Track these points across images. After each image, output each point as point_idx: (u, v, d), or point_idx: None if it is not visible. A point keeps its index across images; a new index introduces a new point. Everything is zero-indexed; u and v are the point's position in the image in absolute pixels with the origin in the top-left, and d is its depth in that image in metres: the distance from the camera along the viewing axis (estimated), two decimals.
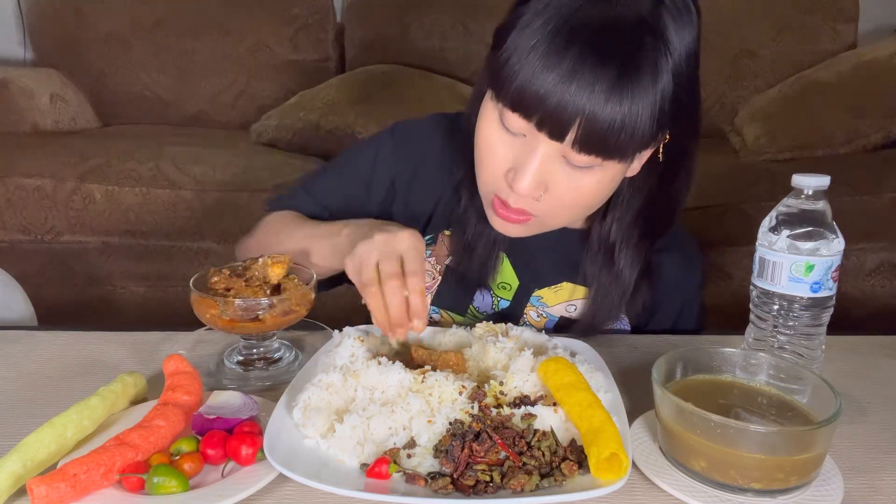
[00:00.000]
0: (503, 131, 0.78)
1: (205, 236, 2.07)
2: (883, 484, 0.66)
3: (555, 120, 0.72)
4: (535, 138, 0.75)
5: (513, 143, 0.78)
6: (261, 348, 0.86)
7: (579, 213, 0.85)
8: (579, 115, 0.71)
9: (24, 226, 2.06)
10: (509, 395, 0.72)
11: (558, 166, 0.76)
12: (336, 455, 0.65)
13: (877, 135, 2.06)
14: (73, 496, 0.59)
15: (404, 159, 0.99)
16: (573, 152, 0.74)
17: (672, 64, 0.74)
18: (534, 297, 0.98)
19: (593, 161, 0.75)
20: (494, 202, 0.82)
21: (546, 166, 0.76)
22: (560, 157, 0.76)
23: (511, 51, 0.73)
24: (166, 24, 2.63)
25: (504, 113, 0.76)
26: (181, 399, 0.71)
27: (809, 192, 0.75)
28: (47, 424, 0.65)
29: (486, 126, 0.80)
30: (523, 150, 0.77)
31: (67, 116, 2.47)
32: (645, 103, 0.72)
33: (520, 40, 0.72)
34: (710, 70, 2.53)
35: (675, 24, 0.75)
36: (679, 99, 0.76)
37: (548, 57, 0.71)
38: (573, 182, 0.77)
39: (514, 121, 0.75)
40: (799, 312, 0.76)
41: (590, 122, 0.71)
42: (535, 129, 0.74)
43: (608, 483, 0.60)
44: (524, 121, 0.74)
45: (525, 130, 0.76)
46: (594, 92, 0.70)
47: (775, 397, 0.70)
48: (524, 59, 0.72)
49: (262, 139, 2.26)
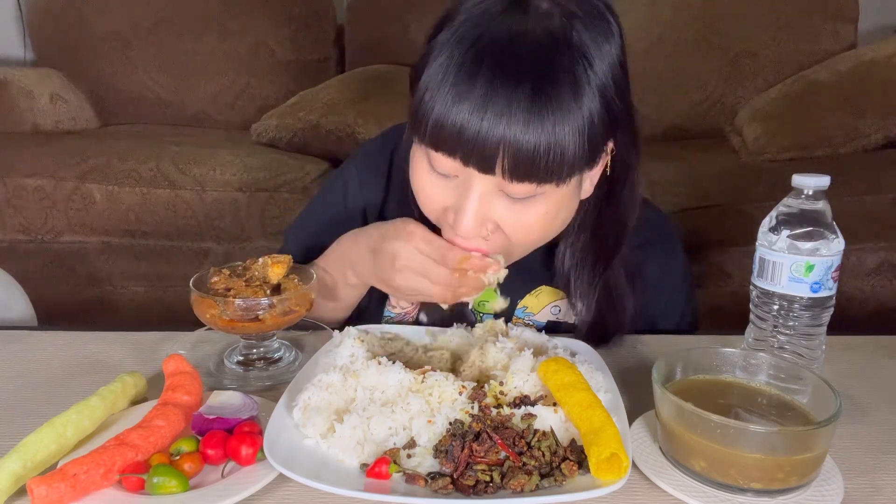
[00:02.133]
0: (435, 175, 0.75)
1: (205, 236, 2.07)
2: (883, 484, 0.66)
3: (478, 152, 0.69)
4: (467, 176, 0.73)
5: (446, 185, 0.75)
6: (261, 348, 0.86)
7: (536, 243, 0.82)
8: (500, 142, 0.68)
9: (24, 226, 2.06)
10: (509, 395, 0.72)
11: (499, 201, 0.74)
12: (336, 455, 0.65)
13: (877, 135, 2.06)
14: (73, 496, 0.59)
15: (371, 183, 0.98)
16: (507, 183, 0.71)
17: (595, 77, 0.70)
18: (518, 309, 0.97)
19: (531, 189, 0.72)
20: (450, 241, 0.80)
21: (486, 204, 0.73)
22: (497, 192, 0.73)
23: (424, 89, 0.71)
24: (166, 24, 2.63)
25: (431, 156, 0.74)
26: (181, 399, 0.71)
27: (809, 192, 0.75)
28: (47, 424, 0.65)
29: (418, 171, 0.78)
30: (458, 191, 0.74)
31: (67, 116, 2.47)
32: (570, 120, 0.69)
33: (430, 76, 0.70)
34: (711, 70, 2.53)
35: (590, 35, 0.71)
36: (610, 111, 0.73)
37: (458, 87, 0.68)
38: (518, 216, 0.75)
39: (441, 161, 0.73)
40: (799, 312, 0.76)
41: (514, 149, 0.68)
42: (462, 165, 0.71)
43: (608, 483, 0.60)
44: (449, 159, 0.71)
45: (455, 170, 0.73)
46: (511, 116, 0.67)
47: (775, 397, 0.70)
48: (436, 93, 0.69)
49: (262, 139, 2.26)
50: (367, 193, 0.98)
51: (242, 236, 2.07)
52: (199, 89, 2.66)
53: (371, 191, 0.98)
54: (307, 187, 2.08)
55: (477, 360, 0.78)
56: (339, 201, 1.00)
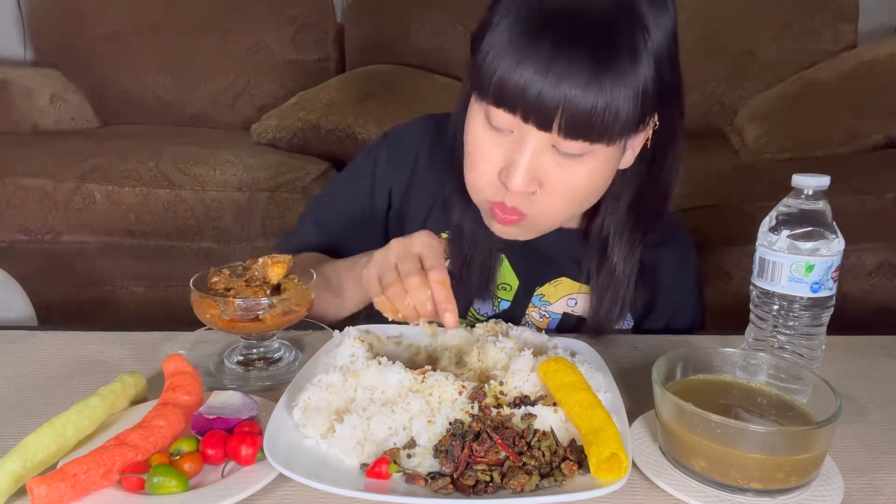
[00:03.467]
0: (492, 130, 0.78)
1: (205, 236, 2.07)
2: (883, 484, 0.66)
3: (538, 109, 0.72)
4: (522, 132, 0.76)
5: (502, 141, 0.78)
6: (261, 348, 0.86)
7: (574, 207, 0.84)
8: (560, 101, 0.71)
9: (24, 226, 2.06)
10: (509, 395, 0.71)
11: (549, 158, 0.77)
12: (336, 455, 0.65)
13: (877, 135, 2.06)
14: (73, 496, 0.59)
15: (399, 166, 1.00)
16: (561, 139, 0.74)
17: (651, 45, 0.74)
18: (535, 296, 0.98)
19: (582, 147, 0.75)
20: (492, 209, 0.82)
21: (537, 159, 0.76)
22: (549, 148, 0.76)
23: (488, 49, 0.74)
24: (166, 24, 2.63)
25: (490, 111, 0.76)
26: (181, 399, 0.71)
27: (809, 192, 0.75)
28: (47, 424, 0.65)
29: (475, 127, 0.80)
30: (513, 147, 0.77)
31: (67, 116, 2.47)
32: (626, 85, 0.72)
33: (495, 38, 0.73)
34: (710, 70, 2.53)
35: (649, 5, 0.74)
36: (662, 80, 0.76)
37: (523, 49, 0.72)
38: (566, 172, 0.77)
39: (500, 117, 0.76)
40: (799, 312, 0.76)
41: (572, 107, 0.71)
42: (521, 121, 0.74)
43: (608, 483, 0.60)
44: (509, 114, 0.74)
45: (512, 125, 0.76)
46: (572, 77, 0.70)
47: (775, 397, 0.70)
48: (501, 54, 0.73)
49: (262, 139, 2.26)
50: (395, 175, 1.00)
51: (242, 236, 2.07)
52: (199, 89, 2.66)
53: (398, 173, 1.00)
54: (307, 187, 2.08)
55: (477, 360, 0.79)
56: (368, 178, 1.02)
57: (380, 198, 1.01)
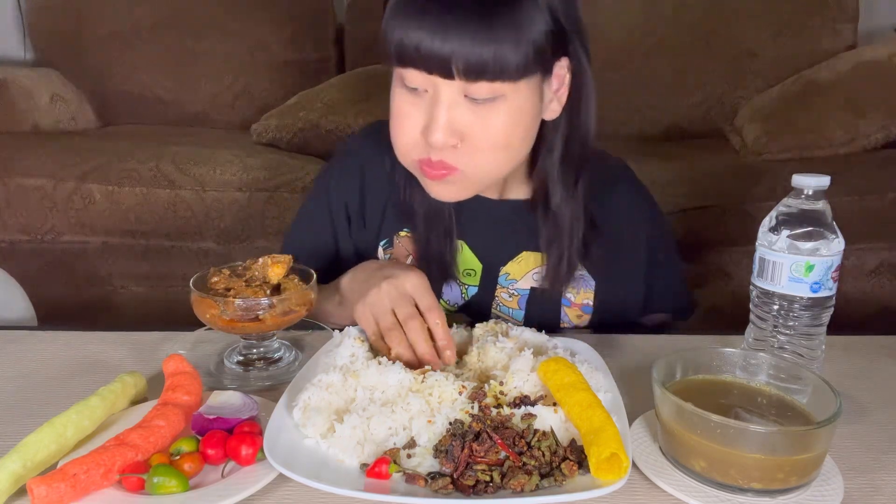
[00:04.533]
0: (409, 93, 0.82)
1: (205, 236, 2.07)
2: (883, 484, 0.66)
3: (437, 60, 0.76)
4: (435, 88, 0.79)
5: (420, 101, 0.81)
6: (261, 348, 0.86)
7: (502, 156, 0.85)
8: (454, 50, 0.75)
9: (24, 226, 2.06)
10: (509, 395, 0.72)
11: (466, 110, 0.79)
12: (336, 455, 0.65)
13: (877, 135, 2.06)
14: (73, 496, 0.59)
15: (348, 181, 1.03)
16: (468, 85, 0.77)
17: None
18: (501, 276, 0.99)
19: (490, 90, 0.78)
20: (422, 168, 0.84)
21: (453, 112, 0.79)
22: (463, 100, 0.79)
23: (388, 18, 0.79)
24: (166, 24, 2.63)
25: (402, 74, 0.80)
26: (181, 399, 0.71)
27: (809, 192, 0.75)
28: (47, 424, 0.65)
29: (394, 93, 0.84)
30: (430, 104, 0.80)
31: (67, 116, 2.47)
32: (514, 26, 0.75)
33: (392, 6, 0.79)
34: (711, 70, 2.53)
35: None
36: (556, 20, 0.79)
37: (412, 10, 0.76)
38: (483, 121, 0.80)
39: (411, 76, 0.79)
40: (799, 312, 0.76)
41: (467, 48, 0.75)
42: (427, 73, 0.78)
43: (608, 483, 0.60)
44: (416, 71, 0.78)
45: (424, 84, 0.79)
46: (462, 28, 0.74)
47: (775, 397, 0.70)
48: (398, 19, 0.78)
49: (262, 139, 2.26)
50: (346, 191, 1.03)
51: (242, 236, 2.07)
52: (199, 89, 2.66)
53: (348, 188, 1.03)
54: (307, 187, 2.08)
55: (477, 360, 0.79)
56: (324, 202, 1.04)
57: (339, 219, 1.04)
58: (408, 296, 0.82)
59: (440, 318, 0.81)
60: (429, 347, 0.79)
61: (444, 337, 0.80)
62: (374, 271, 0.87)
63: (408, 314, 0.80)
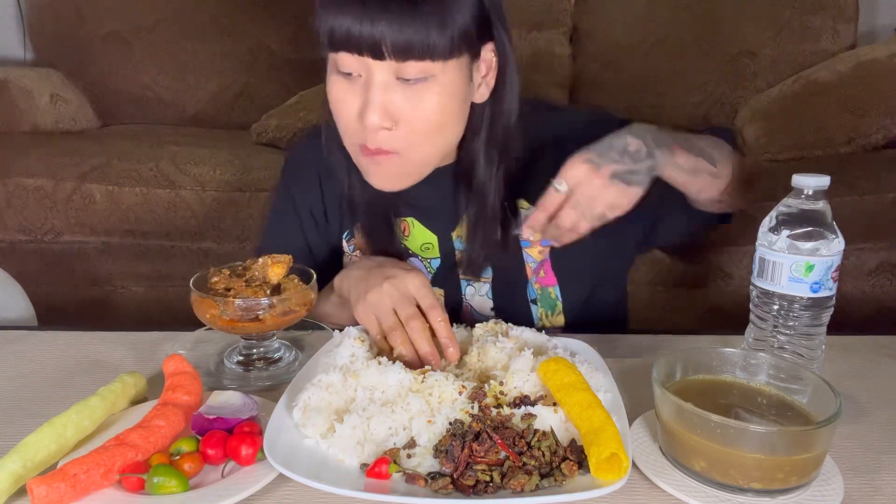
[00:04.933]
0: (343, 79, 0.83)
1: (205, 236, 2.07)
2: (883, 484, 0.66)
3: (366, 37, 0.77)
4: (368, 72, 0.80)
5: (354, 87, 0.82)
6: (261, 348, 0.86)
7: (435, 137, 0.86)
8: (383, 22, 0.76)
9: (24, 226, 2.06)
10: (509, 395, 0.72)
11: (398, 92, 0.81)
12: (336, 455, 0.65)
13: (877, 135, 2.06)
14: (73, 496, 0.59)
15: (308, 185, 1.05)
16: (398, 65, 0.79)
17: None
18: (455, 240, 1.00)
19: (421, 69, 0.79)
20: (362, 151, 0.85)
21: (386, 95, 0.81)
22: (395, 82, 0.80)
23: (318, 7, 0.81)
24: (166, 24, 2.62)
25: (336, 61, 0.82)
26: (181, 399, 0.71)
27: (809, 192, 0.75)
28: (47, 424, 0.65)
29: (330, 80, 0.86)
30: (364, 88, 0.81)
31: (67, 116, 2.47)
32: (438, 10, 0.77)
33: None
34: (711, 70, 2.53)
35: None
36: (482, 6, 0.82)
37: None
38: (415, 103, 0.81)
39: (343, 60, 0.81)
40: (799, 312, 0.76)
41: (395, 26, 0.77)
42: (358, 55, 0.79)
43: (608, 483, 0.60)
44: (348, 54, 0.80)
45: (357, 68, 0.81)
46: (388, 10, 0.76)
47: (775, 397, 0.70)
48: (326, 4, 0.80)
49: (262, 139, 2.26)
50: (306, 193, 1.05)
51: (242, 236, 2.07)
52: (199, 89, 2.66)
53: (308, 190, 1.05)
54: None
55: (477, 360, 0.79)
56: (290, 207, 1.07)
57: (308, 223, 1.06)
58: (409, 296, 0.82)
59: (442, 316, 0.81)
60: (431, 347, 0.79)
61: (447, 335, 0.80)
62: (372, 270, 0.87)
63: (410, 314, 0.80)
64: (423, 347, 0.79)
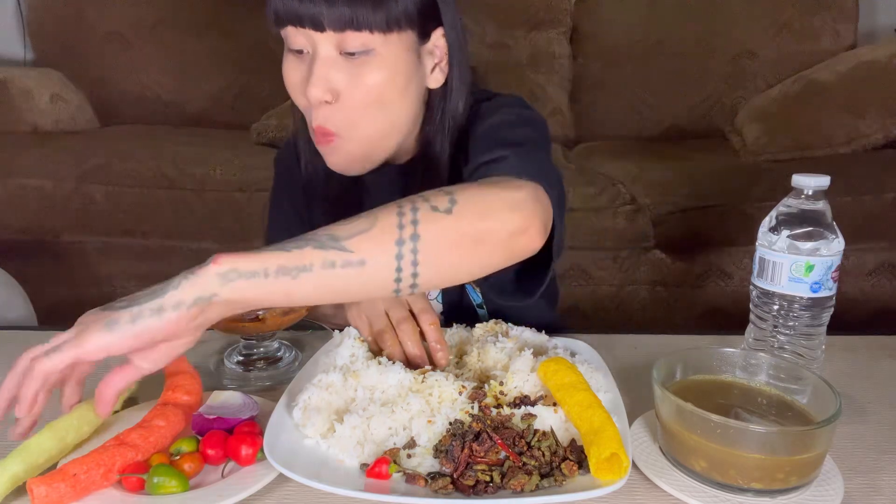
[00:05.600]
0: (294, 56, 0.84)
1: (205, 236, 2.07)
2: (883, 484, 0.66)
3: (305, 10, 0.78)
4: (313, 47, 0.81)
5: (302, 64, 0.83)
6: (261, 348, 0.86)
7: (376, 114, 0.84)
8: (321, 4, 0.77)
9: (24, 226, 2.06)
10: (509, 395, 0.72)
11: (341, 68, 0.81)
12: (336, 455, 0.65)
13: (877, 135, 2.06)
14: (73, 496, 0.59)
15: (291, 183, 1.05)
16: (338, 36, 0.79)
17: None
18: None
19: (362, 41, 0.79)
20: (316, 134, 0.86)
21: (328, 69, 0.81)
22: (338, 57, 0.80)
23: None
24: (166, 24, 2.63)
25: (285, 38, 0.83)
26: (181, 399, 0.71)
27: (809, 192, 0.75)
28: (48, 427, 0.65)
29: (284, 60, 0.86)
30: (309, 64, 0.82)
31: (67, 116, 2.47)
32: None
33: None
34: (711, 70, 2.53)
35: None
36: None
37: None
38: (358, 78, 0.81)
39: (291, 37, 0.82)
40: (799, 312, 0.76)
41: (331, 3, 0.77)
42: (301, 28, 0.80)
43: (608, 483, 0.60)
44: (293, 27, 0.80)
45: (303, 43, 0.81)
46: None
47: (775, 397, 0.70)
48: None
49: (262, 139, 2.26)
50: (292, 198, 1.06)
51: (242, 236, 2.07)
52: (199, 89, 2.66)
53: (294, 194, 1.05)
54: None
55: (477, 360, 0.79)
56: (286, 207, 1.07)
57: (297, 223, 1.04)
58: (402, 299, 0.82)
59: (433, 320, 0.81)
60: (420, 350, 0.79)
61: (436, 339, 0.80)
62: None
63: (401, 317, 0.81)
64: (412, 350, 0.79)
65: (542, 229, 0.69)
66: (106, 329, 0.59)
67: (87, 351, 0.59)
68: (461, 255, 0.66)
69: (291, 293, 0.62)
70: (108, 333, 0.58)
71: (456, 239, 0.65)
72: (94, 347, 0.59)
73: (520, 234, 0.67)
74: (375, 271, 0.63)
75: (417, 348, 0.79)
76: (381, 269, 0.63)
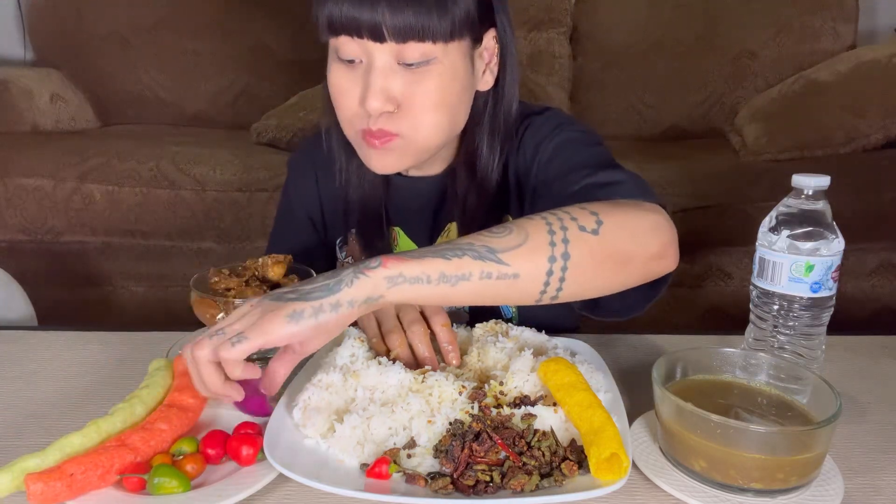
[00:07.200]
0: (344, 66, 0.83)
1: (205, 236, 2.07)
2: (883, 484, 0.66)
3: (366, 19, 0.76)
4: (368, 57, 0.80)
5: (355, 74, 0.82)
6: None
7: (439, 117, 0.84)
8: (384, 3, 0.75)
9: (24, 226, 2.06)
10: (509, 395, 0.71)
11: (399, 78, 0.80)
12: (336, 455, 0.65)
13: (877, 135, 2.06)
14: (69, 495, 0.59)
15: (307, 191, 1.06)
16: (399, 48, 0.78)
17: None
18: None
19: (421, 52, 0.78)
20: (365, 138, 0.84)
21: (387, 80, 0.80)
22: (396, 67, 0.80)
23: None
24: (166, 24, 2.63)
25: (336, 47, 0.81)
26: (186, 402, 0.71)
27: (809, 192, 0.75)
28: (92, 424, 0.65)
29: (331, 68, 0.85)
30: (365, 74, 0.81)
31: (67, 116, 2.47)
32: None
33: None
34: (711, 70, 2.53)
35: None
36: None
37: None
38: (417, 86, 0.81)
39: (344, 45, 0.80)
40: (799, 312, 0.76)
41: (396, 6, 0.76)
42: (358, 38, 0.78)
43: (608, 483, 0.60)
44: (348, 38, 0.79)
45: (357, 53, 0.80)
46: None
47: (775, 397, 0.70)
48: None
49: (262, 139, 2.26)
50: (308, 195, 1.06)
51: (242, 236, 2.07)
52: (199, 89, 2.66)
53: (309, 195, 1.06)
54: None
55: (477, 360, 0.79)
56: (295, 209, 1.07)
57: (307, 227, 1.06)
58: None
59: (445, 322, 0.81)
60: (430, 352, 0.79)
61: (448, 340, 0.80)
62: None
63: (412, 318, 0.80)
64: (422, 352, 0.78)
65: (676, 252, 0.74)
66: (291, 320, 0.62)
67: (272, 340, 0.62)
68: (604, 274, 0.70)
69: (448, 298, 0.66)
70: (294, 324, 0.62)
71: (602, 259, 0.69)
72: (278, 337, 0.62)
73: (660, 258, 0.72)
74: (526, 284, 0.67)
75: (428, 350, 0.78)
76: (531, 282, 0.67)
